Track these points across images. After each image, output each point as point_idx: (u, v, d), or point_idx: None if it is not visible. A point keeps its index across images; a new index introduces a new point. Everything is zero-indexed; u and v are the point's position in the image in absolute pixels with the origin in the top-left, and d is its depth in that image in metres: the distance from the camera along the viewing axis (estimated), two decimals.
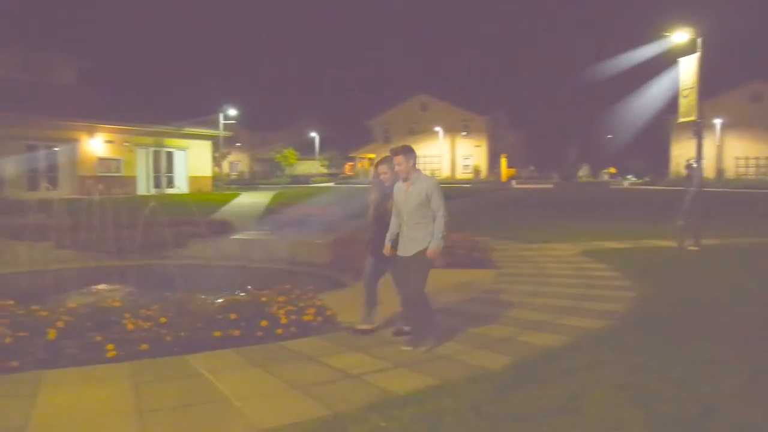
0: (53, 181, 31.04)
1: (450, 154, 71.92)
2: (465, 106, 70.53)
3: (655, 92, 44.81)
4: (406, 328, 6.07)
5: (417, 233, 5.71)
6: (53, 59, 37.39)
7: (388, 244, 5.94)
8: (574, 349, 5.70)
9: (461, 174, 70.03)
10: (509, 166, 68.39)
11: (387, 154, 6.10)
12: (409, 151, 5.85)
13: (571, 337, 6.10)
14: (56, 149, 31.44)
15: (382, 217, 6.22)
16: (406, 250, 5.78)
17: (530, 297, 8.14)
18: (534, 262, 11.08)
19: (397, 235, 5.89)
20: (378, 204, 6.37)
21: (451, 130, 70.15)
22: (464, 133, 71.81)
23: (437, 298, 7.95)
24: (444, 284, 9.05)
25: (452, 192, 34.02)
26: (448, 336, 6.07)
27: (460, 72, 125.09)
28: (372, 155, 73.55)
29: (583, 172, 72.58)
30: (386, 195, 6.21)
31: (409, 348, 5.67)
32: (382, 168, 6.26)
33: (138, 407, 4.33)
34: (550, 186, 51.66)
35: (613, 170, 71.59)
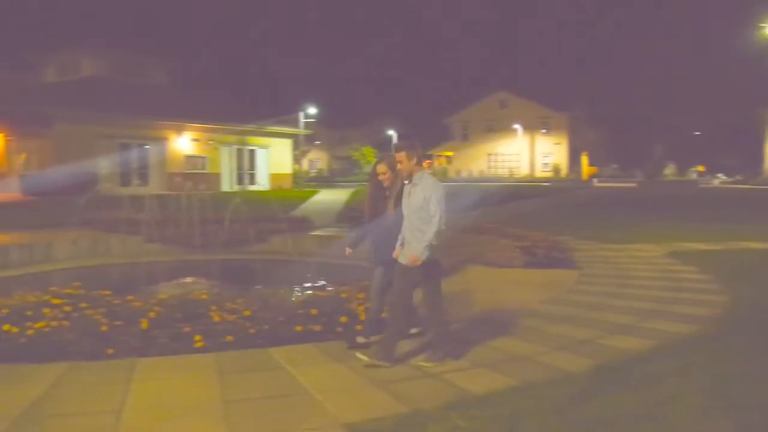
0: (144, 178, 32.54)
1: (529, 152, 70.70)
2: (545, 102, 69.16)
3: (748, 86, 42.54)
4: (413, 330, 5.85)
5: (415, 241, 5.18)
6: (144, 61, 39.23)
7: (399, 247, 5.34)
8: (660, 353, 5.49)
9: (540, 172, 68.71)
10: (590, 164, 66.55)
11: (449, 152, 5.80)
12: (411, 148, 5.28)
13: (658, 342, 5.88)
14: (147, 147, 32.93)
15: (378, 221, 5.66)
16: (403, 256, 5.26)
17: (613, 299, 7.91)
18: (617, 263, 10.75)
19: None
20: (373, 207, 5.79)
21: (531, 127, 68.93)
22: (544, 131, 70.44)
23: (516, 298, 7.88)
24: (523, 284, 8.94)
25: (531, 191, 33.49)
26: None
27: (540, 68, 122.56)
28: (450, 153, 73.32)
29: (669, 170, 69.84)
30: (385, 197, 5.68)
31: (429, 364, 5.20)
32: (381, 168, 5.67)
33: (223, 397, 4.49)
34: (633, 185, 49.88)
35: (701, 168, 68.54)
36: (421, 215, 5.16)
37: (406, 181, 5.37)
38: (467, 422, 3.91)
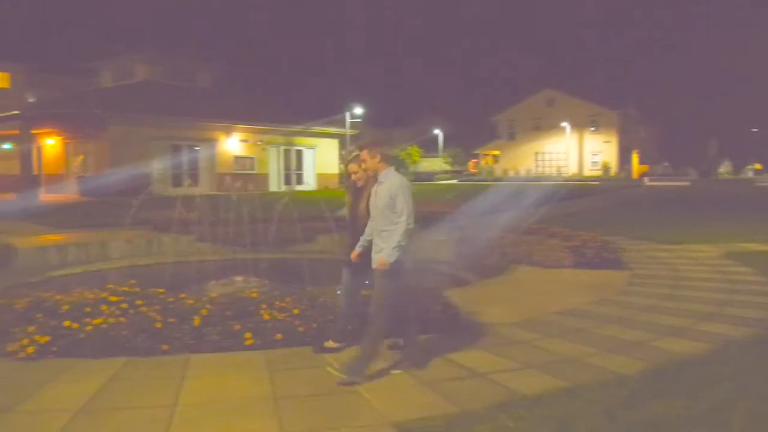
0: (195, 179, 33.25)
1: (577, 151, 69.53)
2: (593, 100, 67.90)
3: None
4: (401, 341, 5.50)
5: (383, 242, 4.97)
6: (194, 64, 40.12)
7: (357, 249, 5.22)
8: (716, 357, 5.34)
9: (589, 171, 67.46)
10: (641, 162, 65.03)
11: (495, 151, 5.68)
12: (373, 146, 5.14)
13: (713, 345, 5.72)
14: (197, 149, 33.64)
15: (355, 221, 5.47)
16: (372, 260, 5.07)
17: (666, 301, 7.73)
18: (669, 264, 10.49)
19: (370, 242, 5.17)
20: (351, 207, 5.61)
21: (579, 125, 67.76)
22: (592, 129, 69.17)
23: (565, 299, 7.77)
24: (572, 285, 8.82)
25: (580, 190, 32.93)
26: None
27: (589, 65, 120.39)
28: (496, 152, 72.73)
29: (724, 168, 67.75)
30: (359, 197, 5.51)
31: (398, 371, 5.02)
32: (352, 167, 5.53)
33: (273, 394, 4.57)
34: (686, 183, 48.58)
35: (758, 166, 66.24)
36: (387, 215, 4.97)
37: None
38: (516, 423, 3.89)
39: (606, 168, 66.84)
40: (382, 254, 4.92)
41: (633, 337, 6.05)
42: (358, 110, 53.12)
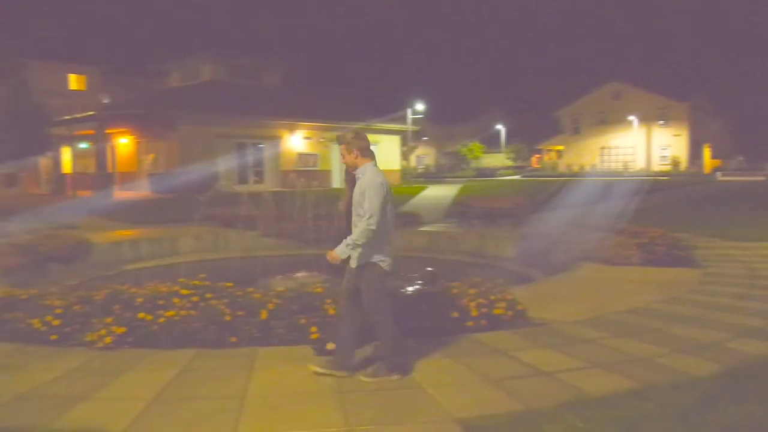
0: (259, 176, 33.93)
1: (645, 145, 67.33)
2: (662, 92, 65.52)
3: None
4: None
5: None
6: (257, 63, 40.98)
7: (334, 250, 4.89)
8: None
9: (658, 166, 65.22)
10: (713, 156, 62.51)
11: (559, 146, 5.26)
12: (351, 139, 4.95)
13: None
14: (261, 146, 34.31)
15: (349, 216, 5.17)
16: (351, 258, 4.86)
17: (740, 300, 7.42)
18: (744, 262, 10.07)
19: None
20: (348, 201, 5.28)
21: (647, 118, 65.57)
22: (661, 122, 66.79)
23: (633, 297, 7.58)
24: (641, 283, 8.59)
25: (647, 185, 31.94)
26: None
27: (657, 57, 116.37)
28: (560, 147, 71.29)
29: None
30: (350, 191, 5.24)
31: (368, 379, 4.78)
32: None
33: (339, 387, 4.64)
34: (762, 178, 46.43)
35: None
36: (359, 212, 4.78)
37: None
38: (584, 423, 3.82)
39: (675, 162, 64.45)
40: (337, 249, 4.81)
41: (706, 338, 5.84)
42: (420, 106, 52.97)
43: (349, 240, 4.77)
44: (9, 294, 6.47)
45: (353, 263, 4.84)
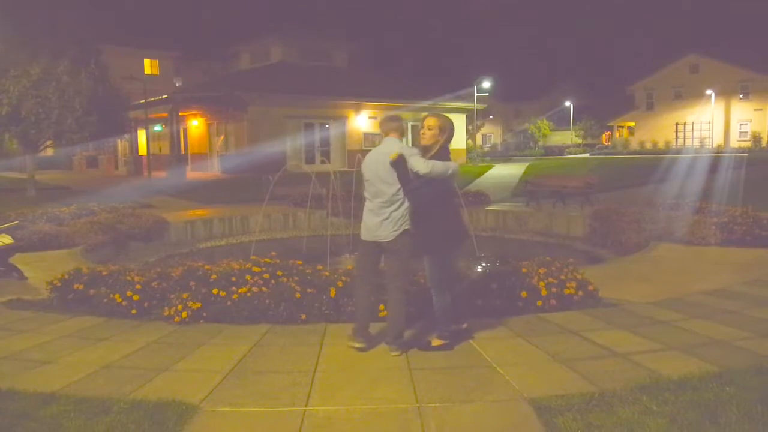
0: (326, 155, 34.30)
1: (723, 120, 64.21)
2: (743, 64, 62.03)
3: None
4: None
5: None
6: (324, 44, 41.22)
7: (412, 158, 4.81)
8: None
9: (737, 142, 62.11)
10: None
11: (631, 123, 5.00)
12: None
13: None
14: (327, 126, 34.62)
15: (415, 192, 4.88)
16: (387, 229, 4.98)
17: None
18: None
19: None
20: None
21: (725, 92, 62.39)
22: (741, 96, 63.44)
23: (711, 278, 7.29)
24: (719, 263, 8.27)
25: (725, 162, 30.53)
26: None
27: (738, 26, 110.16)
28: (632, 123, 68.92)
29: None
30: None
31: (396, 353, 4.85)
32: (429, 121, 5.06)
33: (409, 364, 4.66)
34: None
35: None
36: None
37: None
38: (660, 407, 3.70)
39: (756, 138, 61.20)
40: (417, 159, 4.82)
41: None
42: (486, 84, 52.15)
43: (429, 162, 4.73)
44: (93, 270, 6.78)
45: (393, 233, 4.92)
